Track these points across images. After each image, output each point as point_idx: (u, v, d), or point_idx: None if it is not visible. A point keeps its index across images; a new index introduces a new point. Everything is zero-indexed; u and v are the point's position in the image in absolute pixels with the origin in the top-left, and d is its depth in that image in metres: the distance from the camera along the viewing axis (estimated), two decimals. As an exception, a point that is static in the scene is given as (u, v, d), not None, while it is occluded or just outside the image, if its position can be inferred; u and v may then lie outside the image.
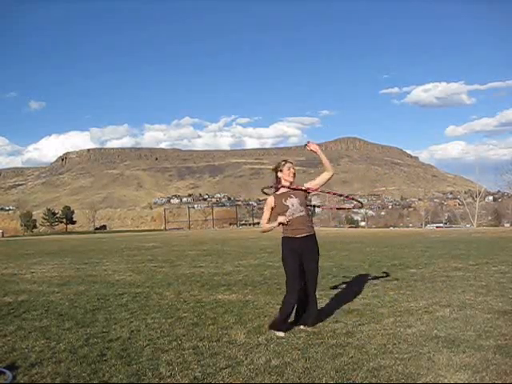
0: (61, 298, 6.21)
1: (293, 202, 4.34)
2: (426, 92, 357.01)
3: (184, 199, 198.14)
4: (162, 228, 45.13)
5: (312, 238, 4.38)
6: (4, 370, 3.34)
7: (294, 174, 4.49)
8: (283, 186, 4.45)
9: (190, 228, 43.04)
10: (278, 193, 4.46)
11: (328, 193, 5.79)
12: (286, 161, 4.54)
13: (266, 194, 4.65)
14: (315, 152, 4.43)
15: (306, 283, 4.33)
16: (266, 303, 5.44)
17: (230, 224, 46.33)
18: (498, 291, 5.68)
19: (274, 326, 4.25)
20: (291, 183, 4.44)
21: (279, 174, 4.47)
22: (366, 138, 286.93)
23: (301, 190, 4.41)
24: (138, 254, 13.19)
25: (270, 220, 4.44)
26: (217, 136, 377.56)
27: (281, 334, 4.13)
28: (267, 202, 4.49)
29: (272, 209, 4.44)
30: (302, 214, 4.32)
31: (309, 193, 4.49)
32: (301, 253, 4.29)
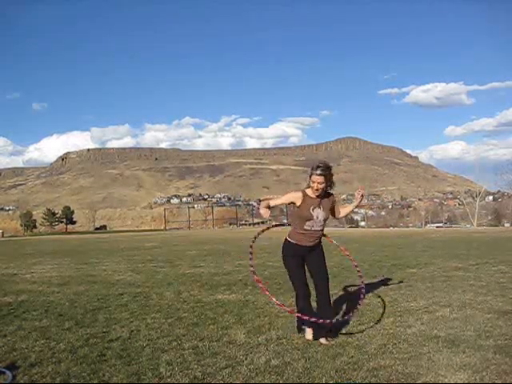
0: (61, 298, 6.21)
1: (318, 213, 4.01)
2: (425, 92, 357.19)
3: (184, 199, 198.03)
4: (162, 228, 45.12)
5: (318, 245, 4.17)
6: (4, 369, 3.34)
7: (322, 189, 3.97)
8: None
9: (190, 228, 43.02)
10: (309, 193, 4.01)
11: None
12: (319, 172, 3.92)
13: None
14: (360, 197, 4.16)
15: (316, 286, 4.13)
16: (266, 303, 5.43)
17: (230, 224, 46.36)
18: (497, 291, 5.68)
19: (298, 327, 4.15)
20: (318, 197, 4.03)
21: (309, 179, 4.02)
22: (365, 138, 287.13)
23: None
24: (137, 253, 13.18)
25: (270, 209, 4.02)
26: (217, 136, 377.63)
27: (308, 335, 3.96)
28: (293, 194, 4.03)
29: (292, 204, 4.01)
30: (320, 228, 4.07)
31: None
32: (303, 255, 4.11)
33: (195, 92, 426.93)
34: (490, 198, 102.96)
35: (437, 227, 46.24)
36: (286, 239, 4.19)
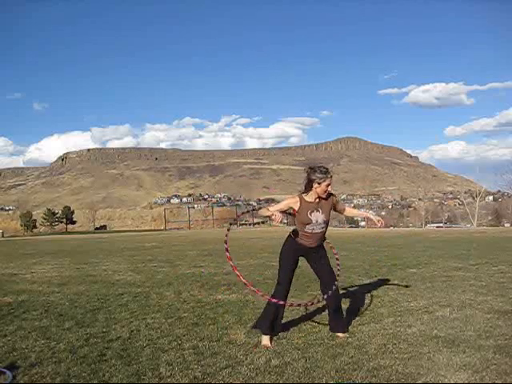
0: (61, 298, 6.21)
1: (318, 216, 3.98)
2: (425, 92, 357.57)
3: (184, 199, 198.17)
4: (162, 228, 45.14)
5: (321, 247, 4.16)
6: (4, 369, 3.34)
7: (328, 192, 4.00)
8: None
9: (190, 228, 43.02)
10: (306, 198, 3.99)
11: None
12: (330, 175, 3.94)
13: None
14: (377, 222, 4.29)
15: (324, 286, 4.10)
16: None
17: (230, 224, 46.21)
18: (497, 291, 5.68)
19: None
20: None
21: (315, 184, 3.92)
22: (366, 138, 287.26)
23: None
24: (137, 253, 13.18)
25: (274, 215, 3.89)
26: (217, 136, 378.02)
27: (265, 341, 3.88)
28: (290, 200, 4.03)
29: (292, 210, 4.01)
30: (322, 230, 4.03)
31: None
32: (302, 254, 4.10)
33: (195, 92, 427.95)
34: (490, 198, 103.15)
35: (437, 227, 46.26)
36: (289, 235, 4.15)
